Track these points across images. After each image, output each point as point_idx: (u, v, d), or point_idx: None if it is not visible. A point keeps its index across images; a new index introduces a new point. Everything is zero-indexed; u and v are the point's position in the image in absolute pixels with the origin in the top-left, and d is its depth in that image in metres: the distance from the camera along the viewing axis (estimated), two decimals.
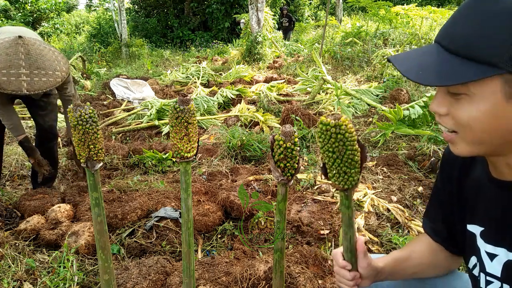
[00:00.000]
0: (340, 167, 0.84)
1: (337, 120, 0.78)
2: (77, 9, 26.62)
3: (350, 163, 0.83)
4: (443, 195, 0.97)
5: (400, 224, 2.25)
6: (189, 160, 1.08)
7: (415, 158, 3.11)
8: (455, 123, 0.70)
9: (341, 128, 0.78)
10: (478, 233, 0.83)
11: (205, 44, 16.09)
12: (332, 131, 0.79)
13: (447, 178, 0.94)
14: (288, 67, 8.33)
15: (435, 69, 0.66)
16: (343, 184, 0.86)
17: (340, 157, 0.82)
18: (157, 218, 2.22)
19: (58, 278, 1.75)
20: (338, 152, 0.81)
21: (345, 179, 0.85)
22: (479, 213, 0.83)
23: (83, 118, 1.02)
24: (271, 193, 2.68)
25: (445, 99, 0.71)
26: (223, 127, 4.37)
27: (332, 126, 0.78)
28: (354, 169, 0.84)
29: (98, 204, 1.12)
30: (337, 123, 0.78)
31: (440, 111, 0.72)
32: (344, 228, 0.94)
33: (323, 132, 0.80)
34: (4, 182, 3.04)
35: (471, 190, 0.86)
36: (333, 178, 0.87)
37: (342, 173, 0.85)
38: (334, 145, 0.80)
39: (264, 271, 1.71)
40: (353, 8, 17.13)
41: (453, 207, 0.93)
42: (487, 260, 0.80)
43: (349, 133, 0.79)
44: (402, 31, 8.60)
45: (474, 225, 0.85)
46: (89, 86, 7.97)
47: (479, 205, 0.83)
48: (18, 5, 15.97)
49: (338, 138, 0.79)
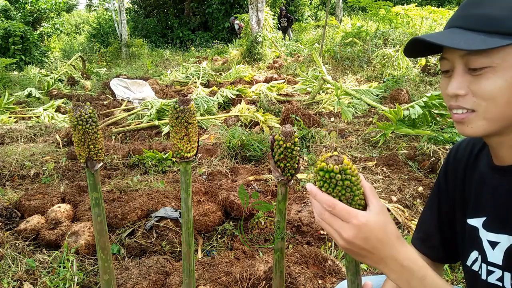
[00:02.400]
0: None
1: (341, 164, 0.67)
2: (77, 9, 26.63)
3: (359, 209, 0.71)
4: (445, 194, 0.96)
5: (400, 224, 2.25)
6: (189, 160, 1.08)
7: (415, 158, 3.11)
8: (477, 100, 0.71)
9: (346, 173, 0.67)
10: (480, 224, 0.83)
11: (205, 44, 16.09)
12: (338, 178, 0.67)
13: (452, 176, 0.94)
14: (288, 67, 8.33)
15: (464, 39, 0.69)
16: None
17: (348, 205, 0.69)
18: (157, 218, 2.22)
19: (58, 278, 1.75)
20: (346, 200, 0.69)
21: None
22: (483, 203, 0.84)
23: (83, 118, 1.02)
24: (271, 193, 2.68)
25: (464, 78, 0.72)
26: (223, 127, 4.37)
27: (337, 172, 0.67)
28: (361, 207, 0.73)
29: (98, 204, 1.12)
30: (342, 167, 0.67)
31: (460, 92, 0.72)
32: (350, 276, 0.82)
33: (325, 180, 0.68)
34: (4, 182, 3.04)
35: (475, 185, 0.87)
36: None
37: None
38: (340, 193, 0.69)
39: (264, 271, 1.71)
40: (353, 8, 17.13)
41: (455, 204, 0.93)
42: (489, 249, 0.80)
43: (355, 176, 0.68)
44: (402, 31, 8.60)
45: (476, 218, 0.85)
46: (89, 86, 7.98)
47: (483, 196, 0.84)
48: (18, 5, 15.96)
49: (345, 185, 0.68)
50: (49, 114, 5.23)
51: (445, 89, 0.76)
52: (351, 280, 0.81)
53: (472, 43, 0.67)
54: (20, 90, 7.24)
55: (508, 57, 0.67)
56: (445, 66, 0.77)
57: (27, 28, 12.53)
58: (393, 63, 6.78)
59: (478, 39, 0.67)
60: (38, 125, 4.55)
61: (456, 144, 0.99)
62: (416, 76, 6.24)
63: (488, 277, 0.79)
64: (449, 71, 0.76)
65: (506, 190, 0.77)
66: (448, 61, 0.76)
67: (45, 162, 3.39)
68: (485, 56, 0.68)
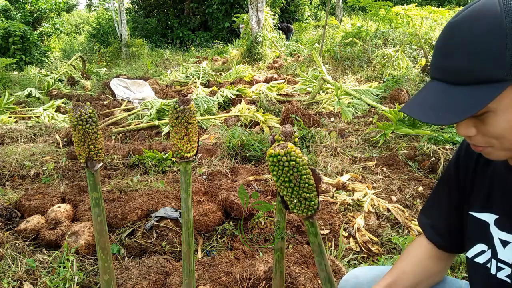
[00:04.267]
0: (300, 194, 0.83)
1: (285, 148, 0.79)
2: (77, 9, 26.62)
3: (308, 187, 0.83)
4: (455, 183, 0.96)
5: (400, 224, 2.25)
6: (189, 160, 1.08)
7: (415, 158, 3.11)
8: (488, 139, 0.73)
9: (291, 155, 0.79)
10: (492, 221, 0.85)
11: (205, 44, 16.08)
12: (284, 160, 0.79)
13: (463, 168, 0.94)
14: (288, 67, 8.33)
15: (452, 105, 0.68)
16: (306, 211, 0.86)
17: (298, 184, 0.82)
18: (157, 218, 2.22)
19: (58, 278, 1.75)
20: (295, 180, 0.81)
21: (307, 205, 0.85)
22: (495, 201, 0.85)
23: (83, 118, 1.02)
24: (271, 193, 2.68)
25: (469, 121, 0.73)
26: (223, 127, 4.37)
27: (282, 155, 0.78)
28: (312, 193, 0.85)
29: (98, 204, 1.12)
30: (287, 151, 0.79)
31: (470, 133, 0.74)
32: (317, 258, 0.93)
33: (275, 164, 0.80)
34: (4, 182, 3.04)
35: (488, 181, 0.88)
36: (295, 208, 0.86)
37: (303, 200, 0.84)
38: (289, 173, 0.80)
39: (264, 271, 1.71)
40: (353, 8, 17.13)
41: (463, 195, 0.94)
42: (500, 247, 0.82)
43: (299, 158, 0.80)
44: (402, 31, 8.60)
45: (488, 213, 0.86)
46: (89, 86, 7.98)
47: (495, 194, 0.85)
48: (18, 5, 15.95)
49: (291, 165, 0.79)
50: (49, 114, 5.23)
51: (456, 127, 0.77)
52: (318, 262, 0.93)
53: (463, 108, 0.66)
54: (20, 90, 7.24)
55: (503, 100, 0.67)
56: None
57: (27, 28, 12.53)
58: (393, 63, 6.78)
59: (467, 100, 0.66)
60: (38, 125, 4.55)
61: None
62: (416, 76, 6.24)
63: (497, 272, 0.83)
64: None
65: None
66: None
67: (45, 162, 3.39)
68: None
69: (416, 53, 7.65)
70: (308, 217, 0.88)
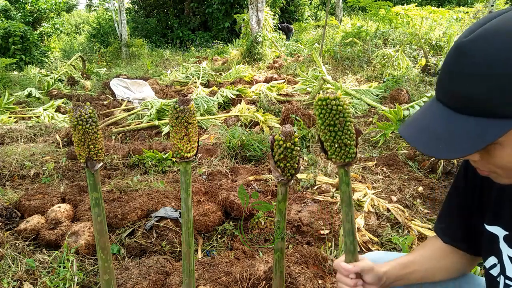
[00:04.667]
0: (342, 139, 0.88)
1: (335, 94, 0.86)
2: (77, 9, 26.62)
3: (349, 135, 0.88)
4: (464, 196, 0.95)
5: (400, 224, 2.25)
6: (189, 160, 1.08)
7: (415, 158, 3.11)
8: (493, 167, 0.69)
9: (340, 101, 0.85)
10: (501, 236, 0.82)
11: (205, 44, 16.08)
12: (333, 104, 0.85)
13: (472, 180, 0.92)
14: (288, 67, 8.33)
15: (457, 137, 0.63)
16: (344, 157, 0.90)
17: (341, 129, 0.87)
18: (157, 218, 2.22)
19: (58, 278, 1.75)
20: (340, 124, 0.86)
21: (346, 151, 0.89)
22: (505, 217, 0.82)
23: (83, 118, 1.02)
24: (271, 193, 2.68)
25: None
26: (223, 127, 4.37)
27: (332, 99, 0.85)
28: (353, 141, 0.89)
29: (98, 204, 1.12)
30: (336, 96, 0.85)
31: (474, 159, 0.70)
32: (345, 208, 0.96)
33: (323, 107, 0.85)
34: (4, 182, 3.04)
35: (495, 193, 0.85)
36: (334, 154, 0.90)
37: (343, 146, 0.89)
38: (335, 117, 0.85)
39: (264, 271, 1.71)
40: (353, 8, 17.12)
41: (473, 208, 0.92)
42: (509, 264, 0.80)
43: (346, 105, 0.86)
44: (402, 31, 8.60)
45: (497, 227, 0.83)
46: (89, 86, 7.98)
47: (505, 210, 0.82)
48: (18, 5, 15.95)
49: (339, 110, 0.85)
50: (49, 114, 5.23)
51: None
52: (345, 212, 0.96)
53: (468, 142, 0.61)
54: (20, 90, 7.24)
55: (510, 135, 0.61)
56: None
57: (27, 28, 12.52)
58: (393, 63, 6.78)
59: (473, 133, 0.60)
60: (38, 125, 4.55)
61: None
62: (416, 76, 6.24)
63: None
64: None
65: None
66: None
67: (45, 162, 3.39)
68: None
69: (416, 53, 7.65)
70: (344, 164, 0.91)
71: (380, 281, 0.97)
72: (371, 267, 0.95)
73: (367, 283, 0.96)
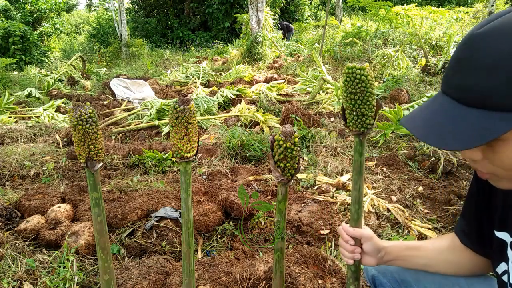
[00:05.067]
0: (360, 108, 0.93)
1: (362, 64, 0.91)
2: (77, 9, 26.62)
3: (368, 105, 0.93)
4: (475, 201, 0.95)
5: (400, 224, 2.25)
6: (189, 160, 1.08)
7: (415, 158, 3.11)
8: (495, 167, 0.67)
9: (364, 71, 0.90)
10: (508, 242, 0.80)
11: (205, 44, 16.08)
12: (357, 73, 0.89)
13: (481, 185, 0.91)
14: (288, 67, 8.33)
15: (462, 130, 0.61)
16: (359, 126, 0.95)
17: (361, 98, 0.92)
18: (157, 218, 2.22)
19: (58, 278, 1.75)
20: (360, 93, 0.91)
21: (362, 121, 0.94)
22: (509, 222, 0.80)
23: (83, 118, 1.02)
24: (271, 193, 2.68)
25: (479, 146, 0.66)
26: (223, 127, 4.37)
27: (358, 68, 0.90)
28: (371, 112, 0.94)
29: (98, 204, 1.12)
30: (362, 66, 0.90)
31: (475, 157, 0.67)
32: (355, 176, 1.02)
33: (348, 75, 0.91)
34: (4, 182, 3.04)
35: (502, 199, 0.84)
36: (352, 121, 0.96)
37: (360, 115, 0.94)
38: (357, 86, 0.90)
39: (264, 271, 1.71)
40: (353, 8, 17.13)
41: (483, 212, 0.92)
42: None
43: (370, 77, 0.91)
44: (402, 31, 8.60)
45: (505, 233, 0.82)
46: (89, 86, 7.98)
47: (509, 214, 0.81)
48: (18, 5, 15.95)
49: (361, 80, 0.90)
50: (49, 114, 5.23)
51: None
52: (354, 180, 1.02)
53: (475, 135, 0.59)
54: (20, 90, 7.24)
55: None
56: None
57: (27, 28, 12.53)
58: (393, 63, 6.78)
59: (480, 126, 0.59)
60: (38, 125, 4.55)
61: None
62: (416, 76, 6.24)
63: None
64: None
65: None
66: None
67: (45, 162, 3.39)
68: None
69: (416, 53, 7.65)
70: (359, 134, 0.97)
71: (379, 253, 1.00)
72: (371, 236, 1.00)
73: (366, 252, 1.01)
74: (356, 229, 1.02)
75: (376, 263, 1.02)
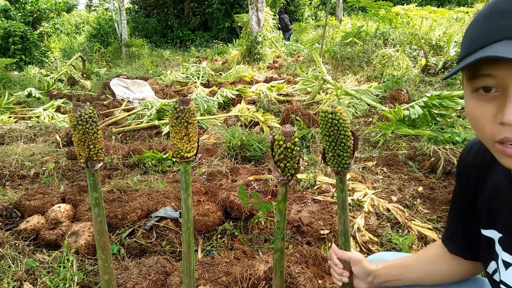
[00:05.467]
0: (335, 150, 0.97)
1: (334, 108, 0.94)
2: (77, 9, 26.62)
3: (343, 147, 0.97)
4: (461, 200, 0.95)
5: (400, 224, 2.25)
6: (189, 160, 1.08)
7: (415, 158, 3.11)
8: None
9: (336, 115, 0.94)
10: (496, 239, 0.81)
11: (205, 44, 16.09)
12: (329, 117, 0.93)
13: (464, 184, 0.92)
14: (288, 67, 8.33)
15: None
16: (336, 166, 1.00)
17: (335, 140, 0.96)
18: (157, 218, 2.22)
19: (58, 278, 1.75)
20: (333, 136, 0.95)
21: (338, 161, 0.99)
22: (499, 218, 0.80)
23: (83, 118, 1.02)
24: (271, 193, 2.68)
25: None
26: (223, 127, 4.37)
27: (329, 113, 0.94)
28: (346, 153, 0.98)
29: (98, 204, 1.12)
30: (333, 111, 0.94)
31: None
32: (339, 212, 1.06)
33: (322, 118, 0.95)
34: (4, 182, 3.04)
35: (489, 195, 0.84)
36: (329, 161, 1.01)
37: (336, 156, 0.98)
38: (330, 129, 0.94)
39: (264, 271, 1.71)
40: (353, 8, 17.12)
41: (470, 212, 0.92)
42: (503, 269, 0.78)
43: (342, 120, 0.94)
44: (402, 31, 8.60)
45: (492, 230, 0.82)
46: (89, 86, 7.98)
47: (499, 211, 0.80)
48: (18, 5, 15.96)
49: (333, 123, 0.94)
50: (49, 114, 5.23)
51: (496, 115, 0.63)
52: (339, 215, 1.06)
53: None
54: (20, 90, 7.24)
55: None
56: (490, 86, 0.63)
57: (27, 28, 12.53)
58: (393, 63, 6.78)
59: None
60: (38, 125, 4.55)
61: (466, 147, 0.95)
62: (416, 76, 6.24)
63: None
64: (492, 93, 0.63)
65: None
66: (496, 79, 0.62)
67: (45, 162, 3.39)
68: None
69: (416, 53, 7.65)
70: (337, 172, 1.01)
71: (368, 277, 1.02)
72: (359, 260, 1.03)
73: (355, 275, 1.05)
74: (345, 252, 1.06)
75: (367, 286, 1.05)
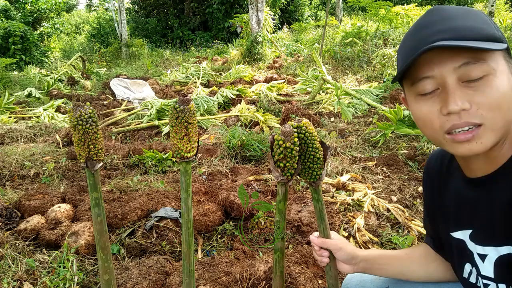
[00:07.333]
0: (305, 163, 0.99)
1: (299, 122, 0.95)
2: (77, 9, 26.61)
3: (312, 159, 0.98)
4: (429, 206, 0.99)
5: (400, 224, 2.25)
6: (189, 160, 1.08)
7: (415, 158, 3.11)
8: (483, 112, 0.67)
9: (301, 129, 0.94)
10: (466, 237, 0.83)
11: (205, 44, 16.09)
12: (295, 131, 0.94)
13: (429, 189, 0.97)
14: (288, 67, 8.33)
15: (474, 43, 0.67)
16: (308, 178, 1.01)
17: (304, 153, 0.97)
18: (157, 218, 2.22)
19: (58, 278, 1.75)
20: (302, 149, 0.96)
21: (309, 173, 1.00)
22: (464, 217, 0.83)
23: (83, 118, 1.02)
24: (271, 193, 2.68)
25: (463, 91, 0.68)
26: (223, 127, 4.37)
27: (294, 127, 0.94)
28: (316, 165, 0.99)
29: (98, 204, 1.12)
30: (299, 125, 0.94)
31: (465, 106, 0.68)
32: (318, 221, 1.08)
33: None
34: (4, 182, 3.04)
35: (451, 198, 0.87)
36: (301, 173, 1.02)
37: (307, 168, 1.00)
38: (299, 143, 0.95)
39: (264, 271, 1.71)
40: (353, 8, 17.12)
41: (438, 216, 0.95)
42: (480, 263, 0.80)
43: (309, 133, 0.94)
44: (402, 31, 8.60)
45: (461, 231, 0.84)
46: (89, 86, 7.98)
47: (462, 210, 0.84)
48: (18, 5, 15.96)
49: (300, 137, 0.94)
50: (49, 114, 5.23)
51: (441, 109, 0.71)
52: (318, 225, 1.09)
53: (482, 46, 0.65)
54: (20, 90, 7.24)
55: (500, 61, 0.67)
56: (430, 86, 0.72)
57: (27, 28, 12.53)
58: (393, 63, 6.78)
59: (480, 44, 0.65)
60: (38, 125, 4.55)
61: (429, 158, 1.00)
62: None
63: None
64: (433, 92, 0.72)
65: (487, 202, 0.76)
66: (434, 79, 0.71)
67: (45, 162, 3.39)
68: (483, 63, 0.66)
69: None
70: (310, 183, 1.02)
71: (353, 260, 1.05)
72: (339, 247, 1.05)
73: (340, 260, 1.07)
74: (324, 241, 1.07)
75: (352, 270, 1.06)
